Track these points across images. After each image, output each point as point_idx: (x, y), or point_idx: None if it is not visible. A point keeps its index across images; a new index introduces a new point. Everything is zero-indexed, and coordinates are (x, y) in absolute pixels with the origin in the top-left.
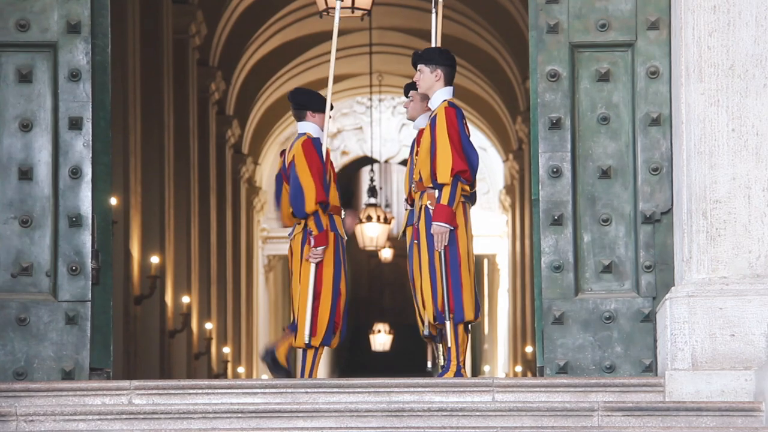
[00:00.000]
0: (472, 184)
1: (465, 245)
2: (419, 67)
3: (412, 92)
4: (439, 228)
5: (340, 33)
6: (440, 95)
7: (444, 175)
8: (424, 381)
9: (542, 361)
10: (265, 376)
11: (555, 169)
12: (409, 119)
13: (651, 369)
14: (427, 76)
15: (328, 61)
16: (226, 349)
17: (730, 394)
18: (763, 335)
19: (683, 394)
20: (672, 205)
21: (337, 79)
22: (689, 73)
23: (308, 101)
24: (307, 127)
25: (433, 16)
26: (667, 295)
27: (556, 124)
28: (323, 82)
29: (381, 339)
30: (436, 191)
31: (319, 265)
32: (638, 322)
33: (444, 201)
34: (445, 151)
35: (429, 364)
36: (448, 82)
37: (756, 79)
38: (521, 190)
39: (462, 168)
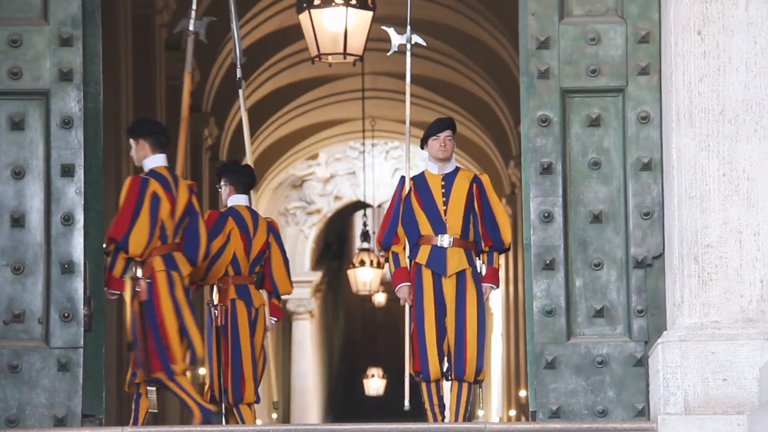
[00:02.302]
0: None
1: None
2: (450, 134)
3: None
4: (491, 291)
5: (332, 78)
6: (454, 161)
7: (507, 241)
8: (417, 426)
9: (535, 406)
10: (259, 422)
11: (546, 214)
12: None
13: (643, 413)
14: (453, 144)
15: (321, 106)
16: None
17: None
18: (755, 379)
19: None
20: (663, 249)
21: (330, 124)
22: (680, 118)
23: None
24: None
25: (408, 56)
26: (659, 340)
27: (547, 169)
28: (315, 128)
29: (374, 383)
30: (487, 253)
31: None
32: (630, 367)
33: (496, 264)
34: (505, 218)
35: (407, 404)
36: None
37: (746, 124)
38: (514, 234)
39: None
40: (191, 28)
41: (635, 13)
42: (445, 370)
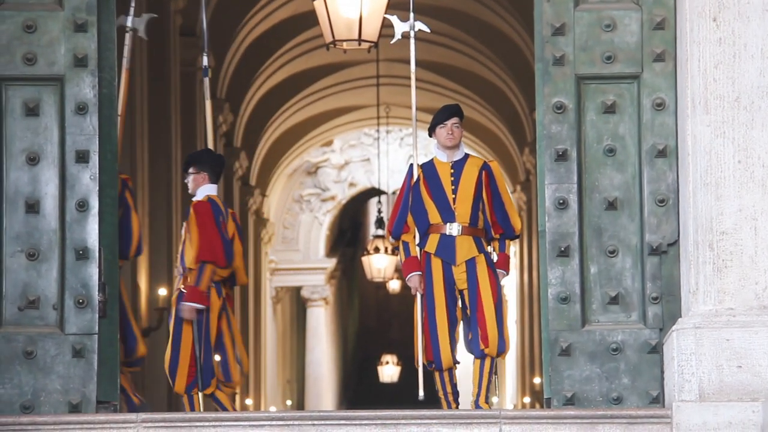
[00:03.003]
0: None
1: None
2: (458, 121)
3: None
4: (503, 277)
5: (347, 65)
6: (463, 148)
7: (517, 228)
8: (431, 413)
9: (549, 393)
10: (273, 408)
11: (561, 201)
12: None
13: (658, 400)
14: (460, 131)
15: (336, 93)
16: None
17: (737, 425)
18: None
19: (690, 425)
20: (678, 236)
21: (345, 110)
22: (695, 105)
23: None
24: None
25: (412, 43)
26: (673, 327)
27: (562, 156)
28: (329, 114)
29: (389, 370)
30: (498, 240)
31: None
32: (645, 354)
33: (508, 251)
34: (512, 206)
35: (421, 393)
36: None
37: (762, 111)
38: (529, 221)
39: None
40: (129, 24)
41: None
42: (458, 359)
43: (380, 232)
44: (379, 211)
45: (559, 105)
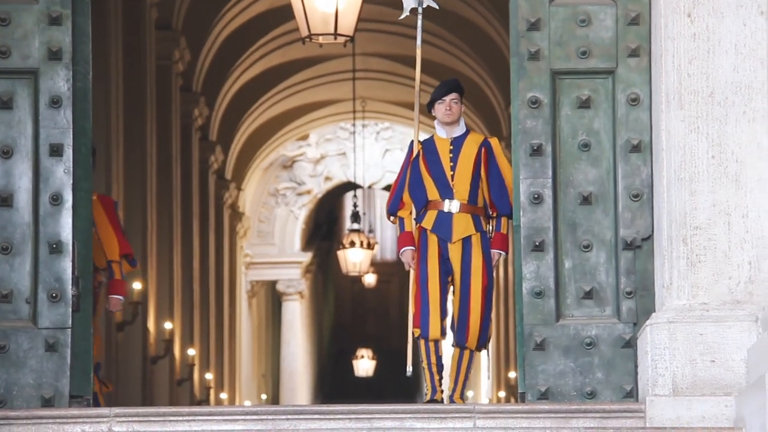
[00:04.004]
0: None
1: None
2: (456, 97)
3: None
4: (500, 257)
5: (323, 59)
6: (463, 124)
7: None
8: (405, 407)
9: (524, 387)
10: (248, 402)
11: (536, 196)
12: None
13: (632, 395)
14: (459, 107)
15: (312, 87)
16: (209, 376)
17: (710, 420)
18: (743, 361)
19: (664, 420)
20: (652, 231)
21: (321, 104)
22: (669, 100)
23: None
24: None
25: (419, 19)
26: (647, 321)
27: (537, 151)
28: (305, 108)
29: (364, 365)
30: (495, 219)
31: None
32: (619, 348)
33: (505, 230)
34: (512, 183)
35: (410, 369)
36: None
37: (735, 106)
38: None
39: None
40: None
41: None
42: (447, 332)
43: (356, 226)
44: (355, 205)
45: (534, 100)
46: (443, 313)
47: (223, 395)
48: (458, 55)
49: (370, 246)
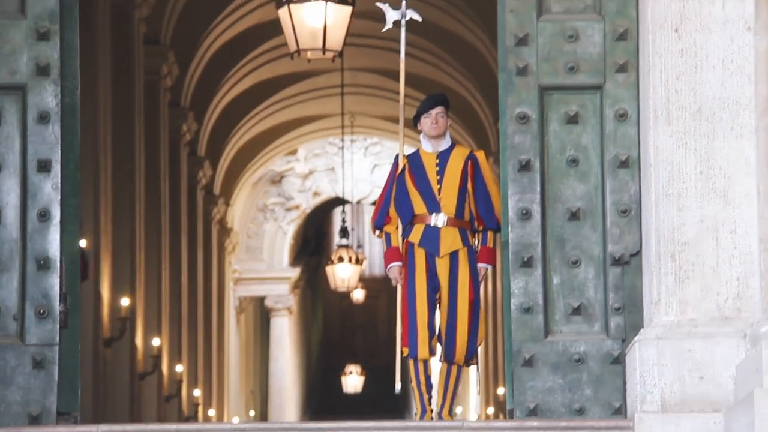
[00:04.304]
0: None
1: None
2: (443, 110)
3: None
4: (486, 271)
5: (312, 74)
6: (449, 138)
7: (502, 220)
8: (394, 424)
9: (512, 404)
10: (236, 419)
11: (524, 211)
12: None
13: (620, 411)
14: (446, 120)
15: (300, 102)
16: (197, 392)
17: None
18: (731, 378)
19: None
20: (641, 247)
21: (309, 119)
22: (657, 116)
23: None
24: None
25: (402, 32)
26: (636, 337)
27: (525, 166)
28: (294, 123)
29: (352, 381)
30: (481, 233)
31: None
32: (608, 365)
33: (491, 244)
34: (499, 196)
35: (398, 386)
36: None
37: (723, 122)
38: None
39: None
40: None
41: (613, 10)
42: (435, 351)
43: (344, 241)
44: (344, 221)
45: (523, 115)
46: (431, 333)
47: (212, 412)
48: (446, 70)
49: (358, 261)
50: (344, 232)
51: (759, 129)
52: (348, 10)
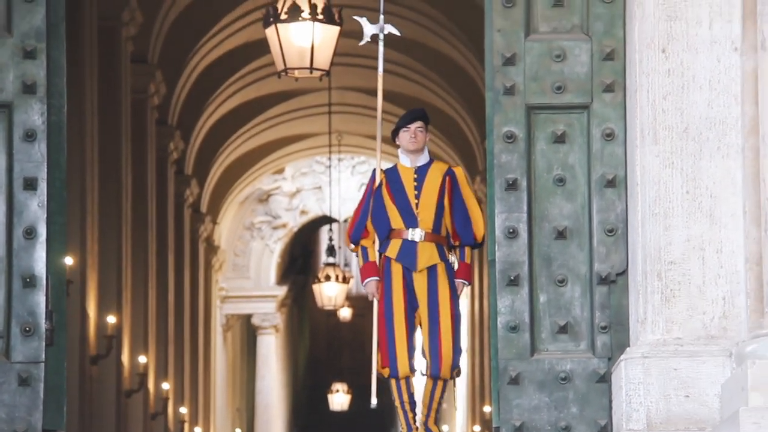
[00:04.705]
0: None
1: None
2: (422, 125)
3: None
4: (464, 286)
5: (299, 93)
6: (427, 153)
7: (479, 235)
8: None
9: (498, 422)
10: None
11: (511, 230)
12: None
13: (606, 430)
14: (424, 135)
15: (287, 120)
16: (183, 410)
17: None
18: (717, 396)
19: None
20: (627, 266)
21: (296, 138)
22: (644, 136)
23: None
24: None
25: (380, 46)
26: (622, 356)
27: (512, 185)
28: (281, 142)
29: (339, 399)
30: (458, 249)
31: None
32: (594, 383)
33: (468, 260)
34: (479, 212)
35: (374, 401)
36: None
37: (710, 142)
38: (480, 249)
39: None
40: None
41: (600, 30)
42: (416, 368)
43: (331, 260)
44: (331, 239)
45: (510, 134)
46: (411, 349)
47: (198, 429)
48: (434, 90)
49: (345, 280)
50: (331, 251)
51: (745, 149)
52: (335, 29)
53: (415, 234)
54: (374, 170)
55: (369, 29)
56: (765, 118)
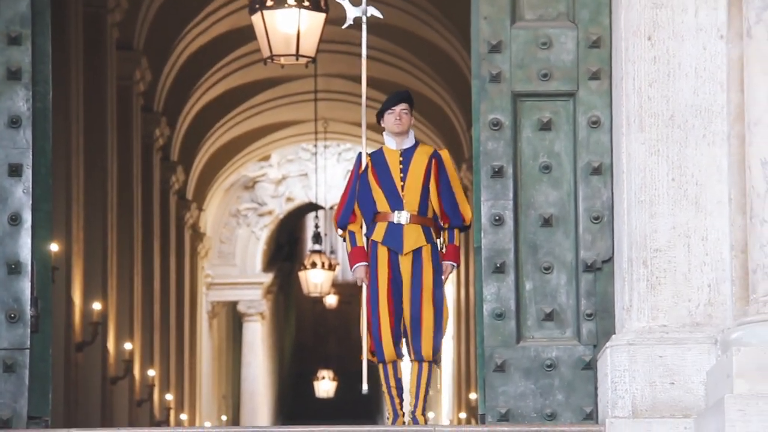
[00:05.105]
0: None
1: None
2: (407, 107)
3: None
4: (453, 268)
5: (285, 80)
6: (413, 136)
7: (467, 217)
8: (367, 428)
9: (484, 409)
10: (208, 424)
11: (497, 217)
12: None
13: (592, 417)
14: (409, 117)
15: (273, 107)
16: (169, 396)
17: None
18: (702, 383)
19: None
20: (613, 253)
21: (282, 125)
22: (630, 123)
23: None
24: None
25: (363, 29)
26: (607, 343)
27: (498, 173)
28: (267, 129)
29: (325, 386)
30: (447, 231)
31: None
32: (579, 370)
33: (457, 242)
34: (462, 194)
35: (365, 387)
36: None
37: (695, 130)
38: (466, 237)
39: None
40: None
41: (586, 18)
42: (403, 353)
43: (317, 247)
44: (317, 226)
45: (496, 122)
46: (396, 334)
47: (184, 416)
48: (420, 77)
49: (331, 267)
50: (317, 238)
51: (731, 136)
52: (321, 16)
53: (401, 216)
54: (359, 154)
55: (352, 12)
56: (750, 106)
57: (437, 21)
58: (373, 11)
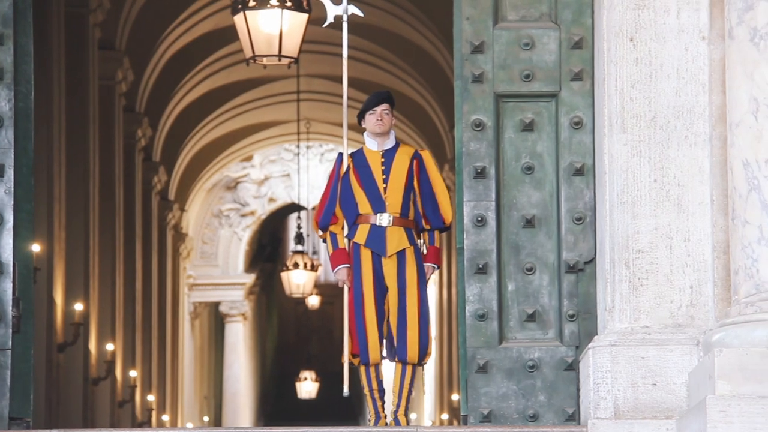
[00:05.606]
0: None
1: None
2: (388, 108)
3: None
4: (434, 270)
5: (267, 80)
6: (393, 137)
7: (447, 219)
8: (348, 429)
9: (466, 410)
10: (190, 424)
11: (479, 218)
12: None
13: (574, 418)
14: (390, 118)
15: (256, 108)
16: (151, 397)
17: None
18: (684, 384)
19: None
20: (595, 254)
21: (265, 126)
22: (612, 124)
23: None
24: None
25: (344, 27)
26: (590, 344)
27: (480, 173)
28: (249, 129)
29: (307, 386)
30: (428, 232)
31: None
32: (561, 371)
33: (438, 243)
34: (446, 196)
35: (346, 389)
36: None
37: (677, 131)
38: (448, 238)
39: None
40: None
41: (569, 19)
42: (385, 354)
43: (300, 247)
44: (299, 227)
45: (478, 123)
46: (380, 336)
47: (165, 417)
48: (402, 77)
49: (313, 268)
50: (299, 239)
51: (713, 138)
52: (304, 17)
53: (383, 219)
54: (340, 154)
55: (332, 10)
56: (732, 107)
57: (419, 21)
58: (353, 9)
